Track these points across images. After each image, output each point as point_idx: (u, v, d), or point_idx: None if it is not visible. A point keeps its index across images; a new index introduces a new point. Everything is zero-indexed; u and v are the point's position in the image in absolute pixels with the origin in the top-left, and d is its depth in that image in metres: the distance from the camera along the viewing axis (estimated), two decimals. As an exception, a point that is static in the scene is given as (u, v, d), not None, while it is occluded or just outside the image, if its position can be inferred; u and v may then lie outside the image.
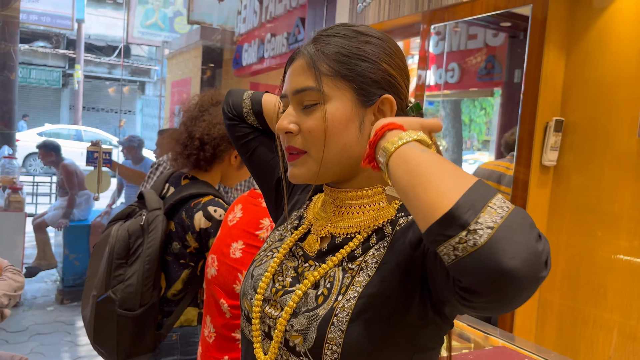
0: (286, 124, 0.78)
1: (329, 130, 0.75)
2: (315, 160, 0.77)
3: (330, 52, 0.76)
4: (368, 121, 0.77)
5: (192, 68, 7.04)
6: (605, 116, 2.00)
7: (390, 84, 0.78)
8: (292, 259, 0.84)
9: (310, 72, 0.76)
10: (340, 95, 0.76)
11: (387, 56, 0.78)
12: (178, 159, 1.79)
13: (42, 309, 4.80)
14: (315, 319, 0.72)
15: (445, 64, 4.74)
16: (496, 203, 0.55)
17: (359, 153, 0.77)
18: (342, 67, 0.76)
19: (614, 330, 1.94)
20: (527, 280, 0.52)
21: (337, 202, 0.82)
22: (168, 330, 1.73)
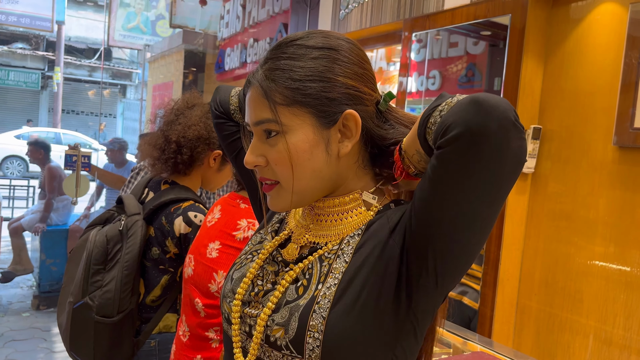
0: (253, 158, 0.77)
1: (294, 161, 0.73)
2: (287, 191, 0.76)
3: (281, 79, 0.73)
4: (334, 141, 0.75)
5: (174, 72, 6.99)
6: (581, 124, 2.04)
7: (350, 96, 0.74)
8: (273, 264, 0.83)
9: (264, 102, 0.74)
10: (300, 123, 0.73)
11: (342, 68, 0.74)
12: (156, 164, 1.77)
13: (17, 314, 4.70)
14: (296, 309, 0.72)
15: (427, 71, 4.78)
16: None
17: (330, 174, 0.76)
18: (296, 94, 0.73)
19: (589, 336, 1.97)
20: (494, 114, 0.59)
21: (316, 211, 0.82)
22: (146, 337, 1.71)
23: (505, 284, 2.18)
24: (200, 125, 1.75)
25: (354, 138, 0.75)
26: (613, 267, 1.91)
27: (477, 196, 0.62)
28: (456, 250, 0.66)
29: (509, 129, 0.59)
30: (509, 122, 0.59)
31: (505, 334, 2.21)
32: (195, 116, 1.76)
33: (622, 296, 1.88)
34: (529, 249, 2.19)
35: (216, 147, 1.81)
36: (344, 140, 0.76)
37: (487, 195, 0.62)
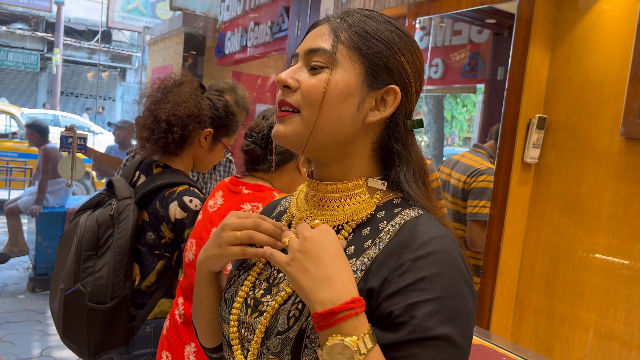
0: (285, 77, 0.76)
1: (327, 95, 0.73)
2: (306, 123, 0.74)
3: (355, 24, 0.76)
4: (368, 104, 0.75)
5: (174, 55, 6.92)
6: (587, 115, 2.00)
7: (401, 77, 0.76)
8: (266, 270, 0.82)
9: (329, 36, 0.75)
10: (350, 67, 0.74)
11: (407, 51, 0.77)
12: (146, 145, 1.72)
13: (12, 296, 4.69)
14: (287, 342, 0.70)
15: (429, 59, 4.72)
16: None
17: (349, 132, 0.75)
18: (361, 42, 0.75)
19: (590, 329, 1.95)
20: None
21: (318, 195, 0.80)
22: (141, 323, 1.68)
23: (505, 276, 2.15)
24: (190, 102, 1.69)
25: (385, 113, 0.76)
26: (616, 260, 1.88)
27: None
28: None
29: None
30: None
31: (504, 326, 2.19)
32: (185, 93, 1.71)
33: (624, 290, 1.85)
34: (530, 240, 2.16)
35: (207, 125, 1.77)
36: (375, 110, 0.76)
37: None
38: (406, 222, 0.72)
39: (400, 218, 0.73)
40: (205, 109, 1.75)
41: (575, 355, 2.00)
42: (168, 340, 1.56)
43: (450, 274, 0.66)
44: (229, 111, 1.85)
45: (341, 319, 0.61)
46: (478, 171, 2.46)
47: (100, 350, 1.61)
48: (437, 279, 0.64)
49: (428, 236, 0.68)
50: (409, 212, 0.74)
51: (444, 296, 0.64)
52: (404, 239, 0.69)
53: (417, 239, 0.68)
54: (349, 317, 0.61)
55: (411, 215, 0.73)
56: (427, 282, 0.64)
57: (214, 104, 1.82)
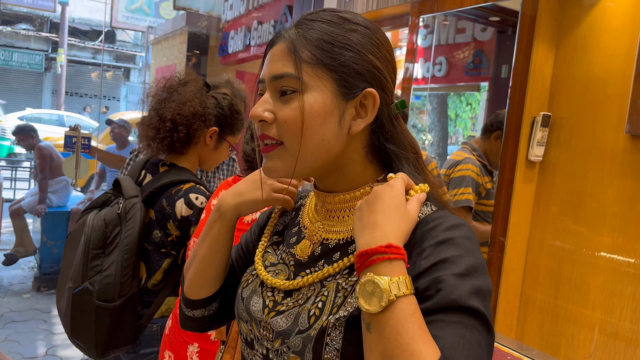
0: (260, 111, 0.73)
1: (306, 122, 0.71)
2: (291, 154, 0.73)
3: (313, 37, 0.72)
4: (349, 115, 0.73)
5: (177, 54, 6.92)
6: (592, 112, 1.98)
7: (375, 77, 0.73)
8: (283, 271, 0.81)
9: (290, 57, 0.72)
10: (320, 86, 0.71)
11: (373, 47, 0.73)
12: (152, 144, 1.73)
13: (18, 296, 4.70)
14: (308, 340, 0.70)
15: (433, 57, 4.71)
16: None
17: (337, 149, 0.74)
18: (324, 55, 0.71)
19: (595, 328, 1.94)
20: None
21: (327, 207, 0.80)
22: (148, 321, 1.69)
23: (510, 274, 2.14)
24: (195, 101, 1.70)
25: (368, 118, 0.74)
26: (621, 258, 1.87)
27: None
28: None
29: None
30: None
31: (509, 325, 2.18)
32: (190, 92, 1.71)
33: (629, 288, 1.84)
34: (534, 238, 2.15)
35: (212, 124, 1.77)
36: (358, 118, 0.74)
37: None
38: (422, 219, 0.72)
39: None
40: (210, 108, 1.75)
41: (580, 354, 1.99)
42: (170, 340, 1.56)
43: (472, 256, 0.66)
44: (233, 109, 1.86)
45: (374, 260, 0.62)
46: (455, 162, 2.55)
47: (108, 349, 1.62)
48: (460, 259, 0.65)
49: (447, 224, 0.69)
50: (424, 208, 0.74)
51: (469, 274, 0.64)
52: (422, 232, 0.69)
53: (438, 228, 0.69)
54: (382, 260, 0.61)
55: (426, 212, 0.73)
56: (450, 262, 0.64)
57: (219, 102, 1.82)
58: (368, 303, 0.60)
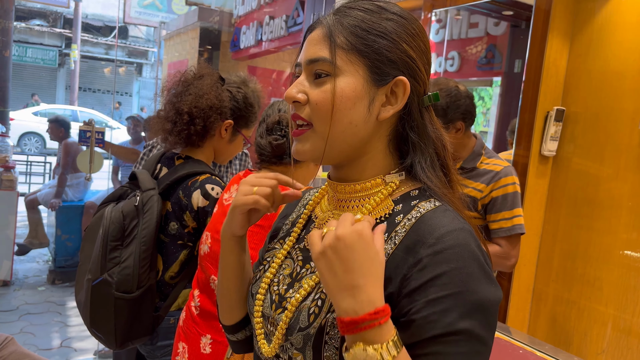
0: (294, 93, 0.75)
1: (336, 105, 0.72)
2: (320, 136, 0.74)
3: (349, 24, 0.74)
4: (378, 101, 0.74)
5: (189, 50, 6.95)
6: (607, 106, 1.97)
7: (408, 65, 0.74)
8: (289, 265, 0.82)
9: (326, 42, 0.74)
10: (353, 71, 0.73)
11: (408, 36, 0.74)
12: (169, 137, 1.74)
13: (33, 288, 4.77)
14: (308, 338, 0.71)
15: (446, 52, 4.68)
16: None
17: (364, 133, 0.75)
18: (358, 42, 0.73)
19: (608, 324, 1.93)
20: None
21: (338, 196, 0.80)
22: (165, 312, 1.71)
23: (522, 270, 2.13)
24: (211, 94, 1.71)
25: (398, 106, 0.74)
26: (635, 254, 1.86)
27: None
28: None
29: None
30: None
31: (521, 320, 2.17)
32: (206, 85, 1.72)
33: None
34: (547, 234, 2.14)
35: (227, 117, 1.78)
36: (387, 105, 0.75)
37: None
38: (422, 215, 0.71)
39: (417, 211, 0.72)
40: (226, 101, 1.76)
41: (593, 350, 1.98)
42: (184, 332, 1.58)
43: (469, 267, 0.65)
44: (248, 102, 1.87)
45: (363, 328, 0.61)
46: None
47: (127, 340, 1.64)
48: (456, 273, 0.64)
49: (445, 229, 0.67)
50: (426, 204, 0.73)
51: (463, 291, 0.64)
52: (420, 233, 0.69)
53: (434, 233, 0.68)
54: (372, 327, 0.61)
55: (427, 208, 0.72)
56: (445, 277, 0.64)
57: (234, 95, 1.83)
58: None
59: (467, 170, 1.92)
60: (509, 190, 1.83)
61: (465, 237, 0.67)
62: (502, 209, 1.83)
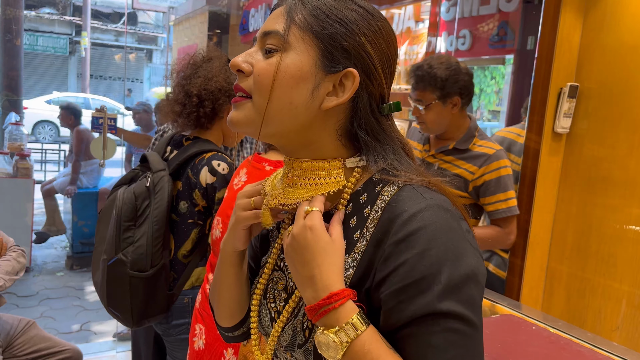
0: (240, 61, 0.74)
1: (278, 80, 0.70)
2: (257, 109, 0.72)
3: (311, 5, 0.71)
4: (324, 89, 0.71)
5: (199, 34, 6.94)
6: (622, 82, 1.93)
7: (362, 60, 0.71)
8: (281, 278, 0.82)
9: (283, 18, 0.72)
10: (303, 50, 0.70)
11: (370, 32, 0.71)
12: (178, 119, 1.77)
13: (52, 274, 4.87)
14: (308, 353, 0.71)
15: (457, 30, 4.62)
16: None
17: (304, 118, 0.72)
18: (315, 22, 0.70)
19: (622, 300, 1.92)
20: None
21: (292, 172, 0.77)
22: (179, 290, 1.75)
23: (535, 248, 2.13)
24: (220, 77, 1.74)
25: (342, 98, 0.71)
26: (650, 230, 1.84)
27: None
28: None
29: None
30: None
31: (534, 298, 2.18)
32: (215, 68, 1.74)
33: (658, 261, 1.82)
34: (561, 212, 2.13)
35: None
36: (333, 95, 0.72)
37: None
38: (387, 203, 0.69)
39: (381, 200, 0.70)
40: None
41: (607, 327, 1.98)
42: (201, 314, 1.60)
43: (435, 248, 0.63)
44: None
45: (321, 314, 0.64)
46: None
47: (143, 318, 1.68)
48: (419, 259, 0.62)
49: (407, 214, 0.65)
50: (389, 188, 0.70)
51: (432, 273, 0.62)
52: (386, 224, 0.67)
53: (397, 220, 0.66)
54: (329, 312, 0.64)
55: (391, 193, 0.69)
56: (407, 265, 0.63)
57: None
58: (328, 355, 0.64)
59: (460, 151, 1.98)
60: (502, 173, 1.92)
61: (432, 215, 0.65)
62: (497, 191, 1.92)
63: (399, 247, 0.64)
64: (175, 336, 1.78)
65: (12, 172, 4.61)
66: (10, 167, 4.65)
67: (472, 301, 0.63)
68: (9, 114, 5.39)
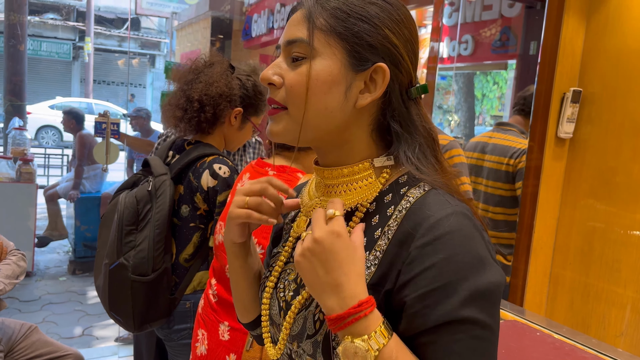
0: (270, 74, 0.74)
1: (311, 88, 0.70)
2: (294, 119, 0.72)
3: (330, 6, 0.71)
4: (356, 87, 0.71)
5: (201, 40, 6.95)
6: (624, 86, 1.93)
7: (389, 52, 0.71)
8: (292, 269, 0.82)
9: (305, 24, 0.72)
10: (330, 54, 0.70)
11: (392, 23, 0.71)
12: (179, 124, 1.78)
13: (54, 279, 4.86)
14: (317, 345, 0.71)
15: (459, 35, 4.63)
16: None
17: (341, 120, 0.72)
18: (338, 24, 0.70)
19: (627, 306, 1.91)
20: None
21: (325, 182, 0.78)
22: (181, 295, 1.74)
23: (539, 253, 2.12)
24: (221, 82, 1.74)
25: (376, 94, 0.72)
26: (654, 236, 1.84)
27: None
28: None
29: None
30: None
31: (538, 304, 2.17)
32: (216, 73, 1.75)
33: (663, 266, 1.81)
34: (564, 216, 2.12)
35: (237, 105, 1.81)
36: (366, 92, 0.72)
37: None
38: (412, 204, 0.69)
39: (406, 201, 0.70)
40: (236, 89, 1.79)
41: (611, 333, 1.96)
42: (203, 319, 1.60)
43: (461, 254, 0.63)
44: (257, 90, 1.89)
45: (350, 322, 0.62)
46: (520, 151, 2.39)
47: (145, 322, 1.68)
48: (446, 264, 0.62)
49: (434, 219, 0.65)
50: (414, 191, 0.70)
51: (454, 280, 0.62)
52: (411, 225, 0.67)
53: (423, 224, 0.66)
54: (358, 320, 0.62)
55: (417, 195, 0.70)
56: (434, 270, 0.63)
57: (243, 83, 1.85)
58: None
59: None
60: (455, 161, 2.14)
61: (458, 222, 0.65)
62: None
63: (425, 250, 0.64)
64: (177, 341, 1.77)
65: (15, 177, 4.61)
66: (14, 171, 4.66)
67: (494, 310, 0.64)
68: (12, 119, 5.41)
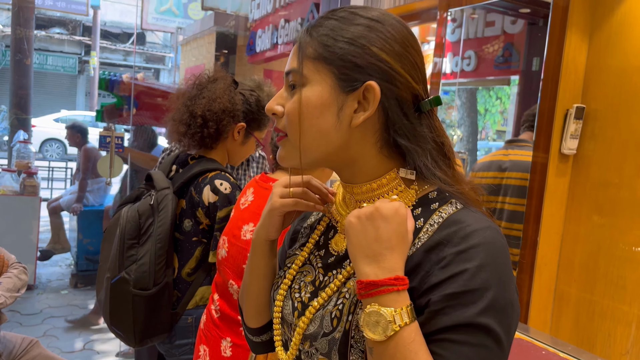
0: (273, 105, 0.78)
1: (303, 114, 0.74)
2: (293, 144, 0.76)
3: (318, 34, 0.75)
4: (349, 108, 0.73)
5: (206, 54, 7.00)
6: (628, 102, 1.93)
7: (379, 70, 0.72)
8: (310, 272, 0.83)
9: (297, 54, 0.77)
10: (320, 80, 0.74)
11: (381, 40, 0.72)
12: (182, 139, 1.79)
13: (56, 292, 4.85)
14: (334, 342, 0.71)
15: (462, 51, 4.65)
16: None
17: (339, 141, 0.75)
18: (324, 50, 0.73)
19: (632, 324, 1.89)
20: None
21: (356, 197, 0.80)
22: (183, 309, 1.74)
23: (543, 270, 2.11)
24: (224, 98, 1.76)
25: (369, 111, 0.73)
26: (660, 253, 1.82)
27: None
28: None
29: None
30: None
31: (542, 321, 2.15)
32: (219, 89, 1.77)
33: (668, 284, 1.79)
34: (569, 233, 2.11)
35: (240, 120, 1.83)
36: (360, 111, 0.74)
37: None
38: (445, 219, 0.70)
39: (439, 216, 0.71)
40: (239, 104, 1.80)
41: (617, 351, 1.94)
42: (205, 335, 1.59)
43: (494, 265, 0.65)
44: (260, 105, 1.90)
45: (382, 291, 0.63)
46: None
47: (146, 337, 1.67)
48: (479, 271, 0.64)
49: (470, 229, 0.67)
50: (447, 207, 0.72)
51: (485, 287, 0.63)
52: (444, 235, 0.68)
53: (459, 233, 0.67)
54: (390, 292, 0.63)
55: (450, 211, 0.71)
56: (468, 274, 0.64)
57: (247, 99, 1.87)
58: (373, 332, 0.63)
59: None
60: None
61: (492, 236, 0.67)
62: None
63: (460, 257, 0.65)
64: (179, 356, 1.76)
65: (19, 190, 4.63)
66: (18, 184, 4.67)
67: (509, 328, 0.65)
68: (17, 132, 5.44)
